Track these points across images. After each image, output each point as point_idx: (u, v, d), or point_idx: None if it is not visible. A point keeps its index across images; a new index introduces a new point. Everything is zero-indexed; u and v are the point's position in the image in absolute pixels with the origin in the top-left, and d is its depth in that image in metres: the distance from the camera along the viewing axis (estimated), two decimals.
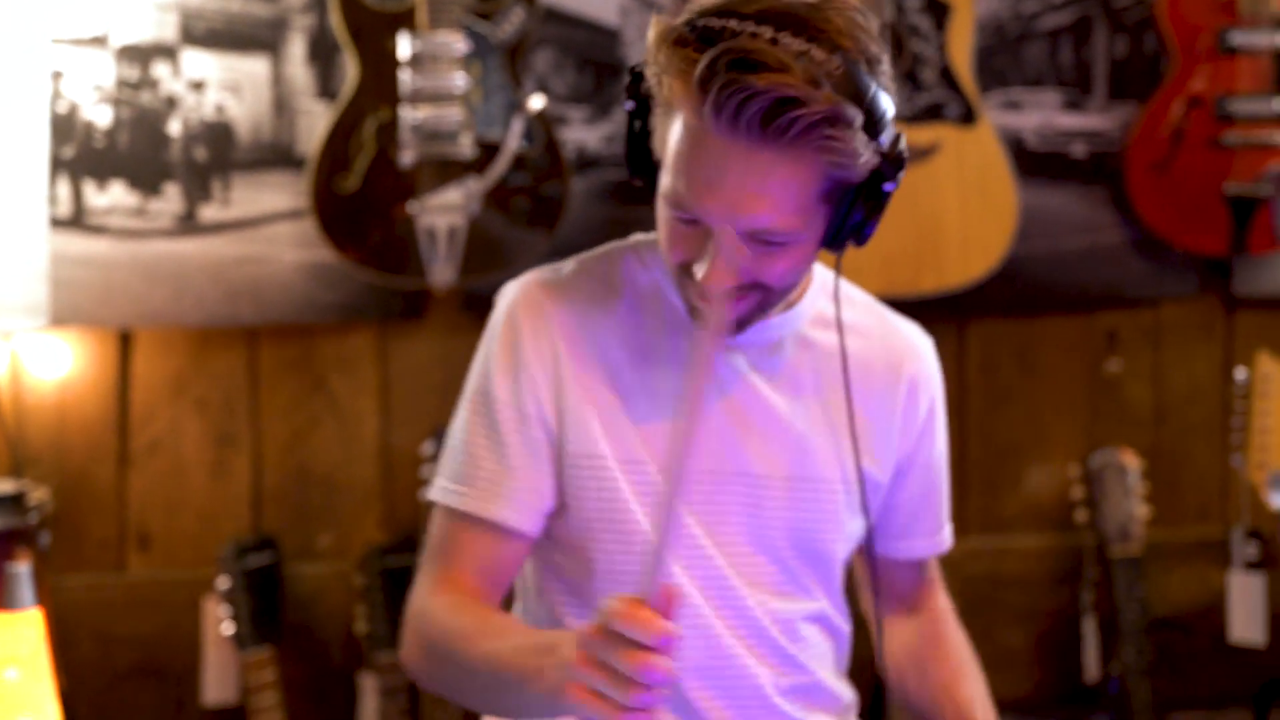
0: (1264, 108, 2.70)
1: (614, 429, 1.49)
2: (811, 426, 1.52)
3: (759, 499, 1.51)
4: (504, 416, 1.47)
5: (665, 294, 1.51)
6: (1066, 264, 2.79)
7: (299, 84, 2.56)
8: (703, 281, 1.35)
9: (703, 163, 1.31)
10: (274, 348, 2.60)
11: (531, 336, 1.48)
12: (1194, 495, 2.88)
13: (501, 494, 1.47)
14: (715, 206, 1.32)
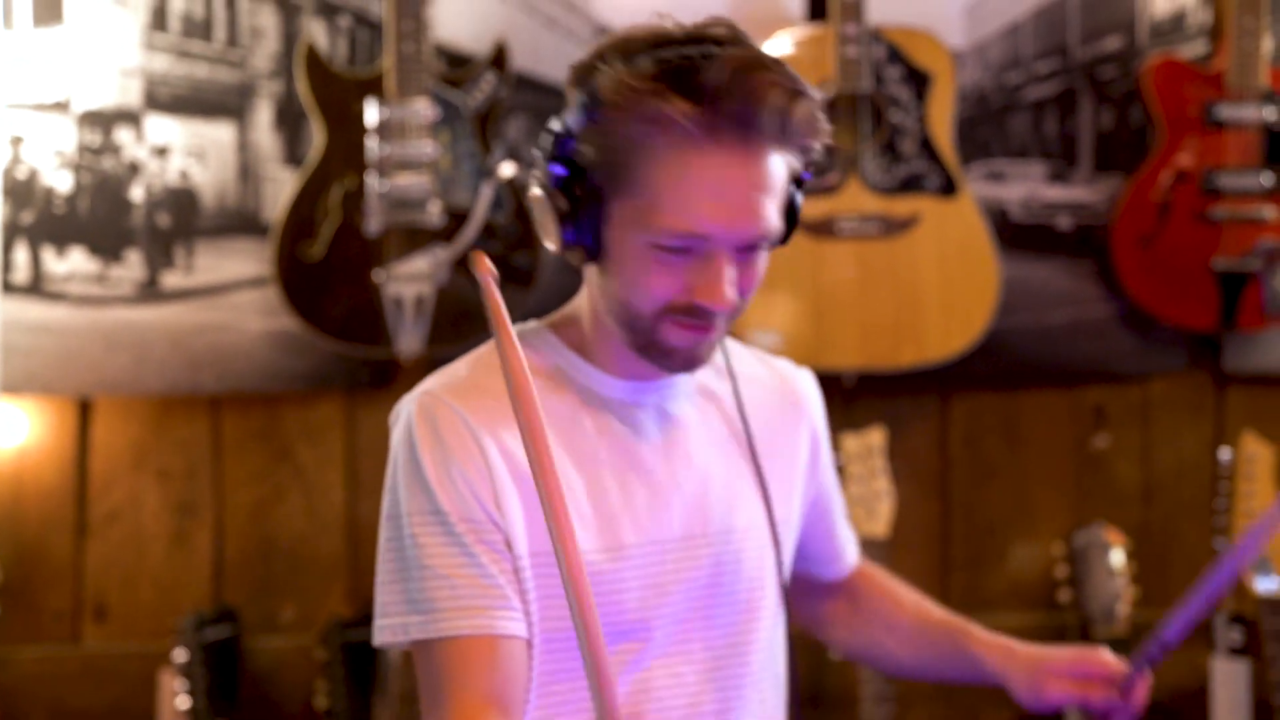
0: (1252, 182, 2.66)
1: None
2: (732, 476, 1.51)
3: (689, 560, 1.48)
4: (462, 529, 1.39)
5: (572, 375, 1.47)
6: (1052, 338, 2.75)
7: (265, 150, 2.52)
8: (710, 300, 1.35)
9: (707, 180, 1.33)
10: (238, 417, 2.57)
11: (455, 445, 1.40)
12: (1182, 576, 2.79)
13: (491, 605, 1.39)
14: (725, 219, 1.34)
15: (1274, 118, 2.65)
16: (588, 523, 1.45)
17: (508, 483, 1.41)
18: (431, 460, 1.40)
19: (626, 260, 1.38)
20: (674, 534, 1.48)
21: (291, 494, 2.58)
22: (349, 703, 2.44)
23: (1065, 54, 2.73)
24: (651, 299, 1.38)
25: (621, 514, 1.46)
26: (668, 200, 1.34)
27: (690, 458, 1.49)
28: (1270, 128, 2.66)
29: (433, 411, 1.42)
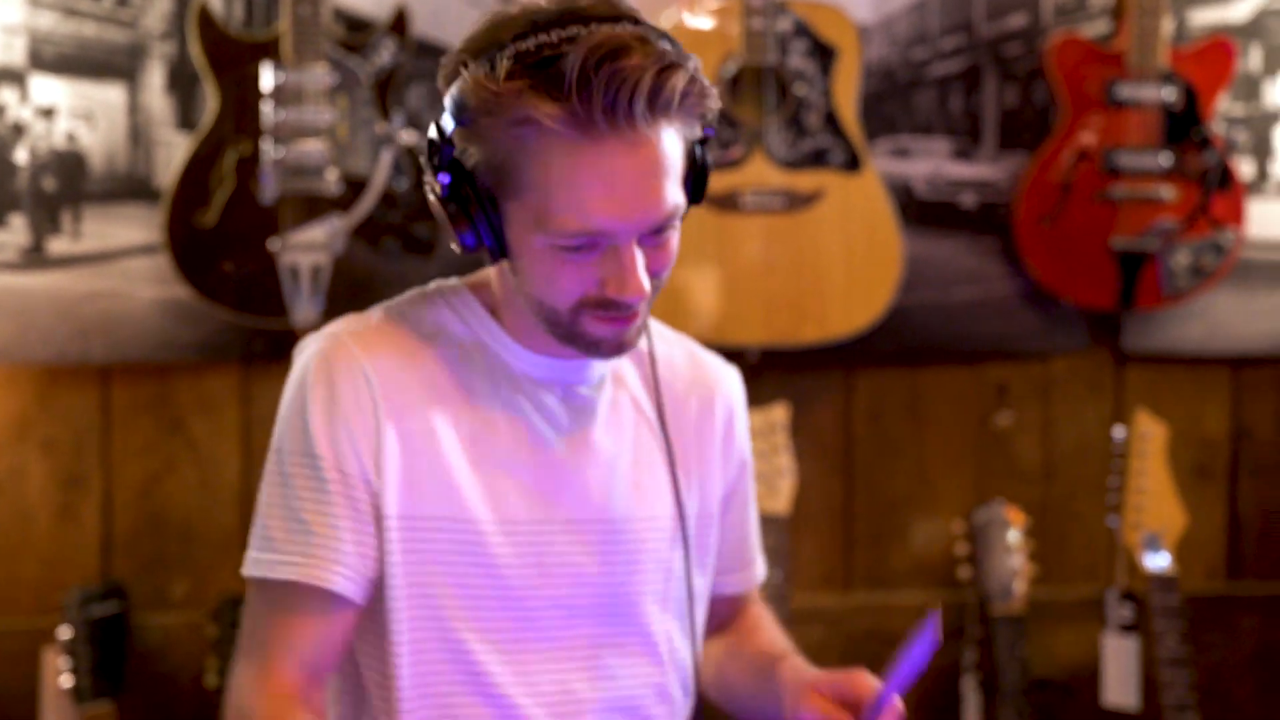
0: (1150, 162, 2.67)
1: (438, 488, 1.41)
2: (640, 465, 1.48)
3: (593, 543, 1.46)
4: (331, 476, 1.37)
5: (486, 344, 1.44)
6: (955, 315, 2.75)
7: (157, 114, 2.46)
8: (625, 295, 1.32)
9: (593, 176, 1.28)
10: (128, 387, 2.50)
11: (348, 394, 1.39)
12: (1080, 553, 2.83)
13: (331, 558, 1.37)
14: (620, 212, 1.29)
15: (1173, 98, 2.66)
16: (478, 494, 1.42)
17: (392, 441, 1.39)
18: (320, 404, 1.39)
19: (532, 261, 1.34)
20: (565, 516, 1.45)
21: (184, 467, 2.53)
22: None
23: (971, 31, 2.72)
24: (564, 297, 1.34)
25: (513, 490, 1.43)
26: (557, 201, 1.29)
27: (593, 442, 1.46)
28: (1169, 108, 2.66)
29: (333, 356, 1.40)
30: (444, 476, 1.41)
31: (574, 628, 1.47)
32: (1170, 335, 2.82)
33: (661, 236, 1.34)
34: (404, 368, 1.41)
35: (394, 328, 1.44)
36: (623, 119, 1.27)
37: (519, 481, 1.44)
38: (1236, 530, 2.90)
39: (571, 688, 1.47)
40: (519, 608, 1.44)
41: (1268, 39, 2.81)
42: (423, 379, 1.42)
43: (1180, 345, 2.83)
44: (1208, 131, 2.67)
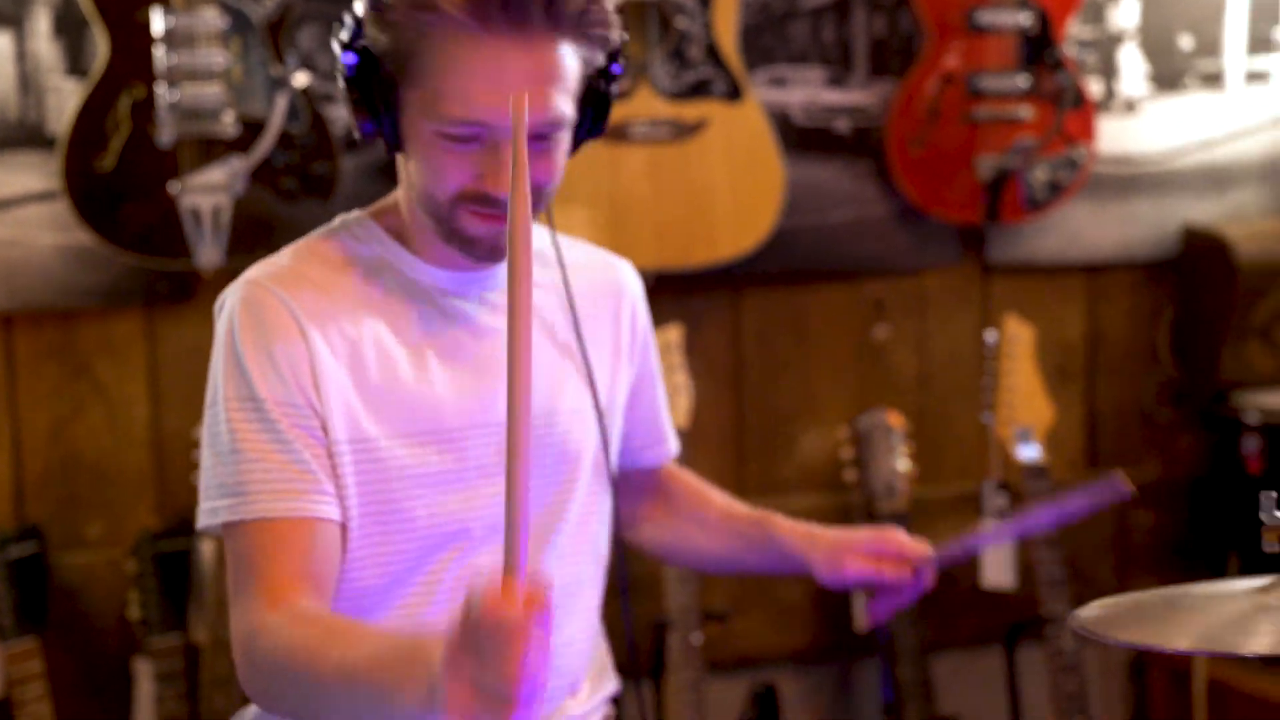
0: (1010, 84, 2.67)
1: (376, 407, 1.38)
2: (554, 360, 1.48)
3: (542, 442, 1.45)
4: (278, 414, 1.34)
5: (393, 264, 1.42)
6: (834, 236, 2.73)
7: (46, 60, 2.31)
8: (497, 190, 1.31)
9: (484, 68, 1.28)
10: (31, 334, 2.38)
11: (277, 330, 1.35)
12: (955, 453, 2.86)
13: (306, 488, 1.34)
14: (503, 106, 1.27)
15: (1029, 23, 2.66)
16: (417, 407, 1.40)
17: (329, 368, 1.36)
18: (252, 347, 1.35)
19: (421, 148, 1.33)
20: (498, 418, 1.39)
21: (92, 410, 2.42)
22: (162, 612, 2.32)
23: None
24: (444, 187, 1.33)
25: (447, 398, 1.41)
26: (448, 89, 1.29)
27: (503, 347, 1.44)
28: (1026, 32, 2.66)
29: (256, 298, 1.36)
30: (381, 394, 1.39)
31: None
32: (1031, 246, 2.85)
33: (544, 143, 1.33)
34: (322, 298, 1.38)
35: (304, 264, 1.41)
36: (519, 20, 1.27)
37: (451, 390, 1.42)
38: (1094, 424, 2.96)
39: None
40: (468, 508, 1.42)
41: None
42: (343, 306, 1.39)
43: (1040, 256, 2.86)
44: (1060, 54, 2.69)
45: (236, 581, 1.33)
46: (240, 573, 1.33)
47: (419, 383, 1.40)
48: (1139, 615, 1.32)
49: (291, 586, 1.31)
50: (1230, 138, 2.94)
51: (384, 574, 1.40)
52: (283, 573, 1.31)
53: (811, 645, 2.79)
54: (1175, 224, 2.92)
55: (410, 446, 1.39)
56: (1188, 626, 1.28)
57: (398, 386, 1.39)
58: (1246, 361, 2.90)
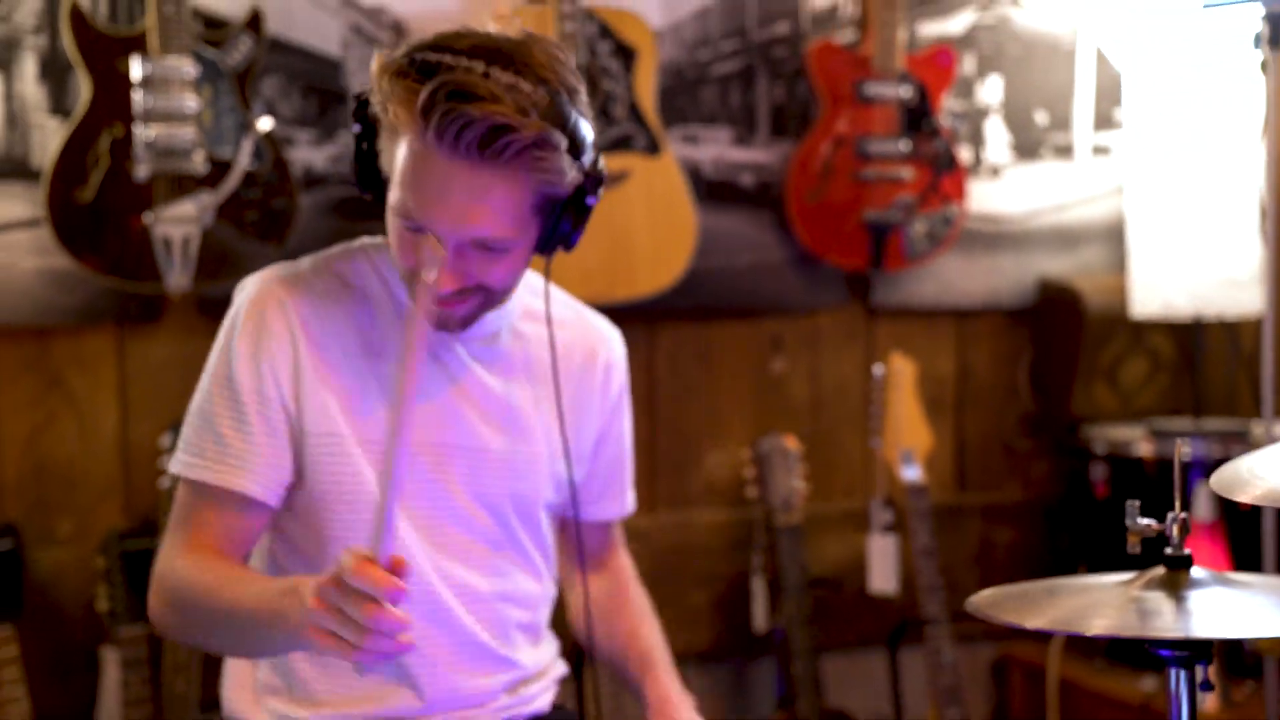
0: (893, 148, 2.78)
1: (349, 411, 1.44)
2: (524, 405, 1.51)
3: (479, 466, 1.49)
4: (248, 400, 1.41)
5: (394, 293, 1.47)
6: (738, 278, 2.80)
7: (31, 100, 2.35)
8: (432, 286, 1.32)
9: (428, 180, 1.31)
10: (10, 348, 2.39)
11: (272, 326, 1.42)
12: (843, 473, 2.93)
13: (245, 468, 1.41)
14: (442, 219, 1.32)
15: (910, 96, 2.78)
16: (382, 420, 1.44)
17: (309, 372, 1.42)
18: (244, 336, 1.42)
19: (389, 219, 1.38)
20: (455, 442, 1.48)
21: (64, 419, 2.42)
22: (128, 604, 2.32)
23: (745, 35, 2.79)
24: (402, 262, 1.39)
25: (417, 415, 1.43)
26: (405, 184, 1.33)
27: (485, 384, 1.49)
28: (907, 104, 2.78)
29: (264, 298, 1.43)
30: (356, 405, 1.44)
31: (471, 535, 1.50)
32: (909, 292, 2.93)
33: (489, 253, 1.35)
34: (323, 310, 1.44)
35: (318, 277, 1.47)
36: (460, 150, 1.28)
37: (419, 412, 1.44)
38: (963, 451, 3.02)
39: (472, 581, 1.51)
40: (422, 516, 1.47)
41: (979, 48, 2.96)
42: (339, 322, 1.45)
43: (917, 300, 2.94)
44: (937, 123, 2.80)
45: (171, 525, 1.43)
46: (175, 519, 1.43)
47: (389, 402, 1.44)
48: (1021, 600, 1.36)
49: (208, 544, 1.40)
50: (1079, 202, 3.04)
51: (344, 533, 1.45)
52: (206, 531, 1.40)
53: (714, 644, 2.82)
54: (1033, 276, 3.00)
55: (372, 451, 1.44)
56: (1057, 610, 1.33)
57: (370, 401, 1.44)
58: (1094, 399, 2.99)
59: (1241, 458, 1.38)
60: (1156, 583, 1.32)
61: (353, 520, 1.45)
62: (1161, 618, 1.27)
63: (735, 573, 2.80)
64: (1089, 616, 1.29)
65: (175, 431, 2.27)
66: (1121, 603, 1.30)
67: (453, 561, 1.50)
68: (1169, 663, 1.32)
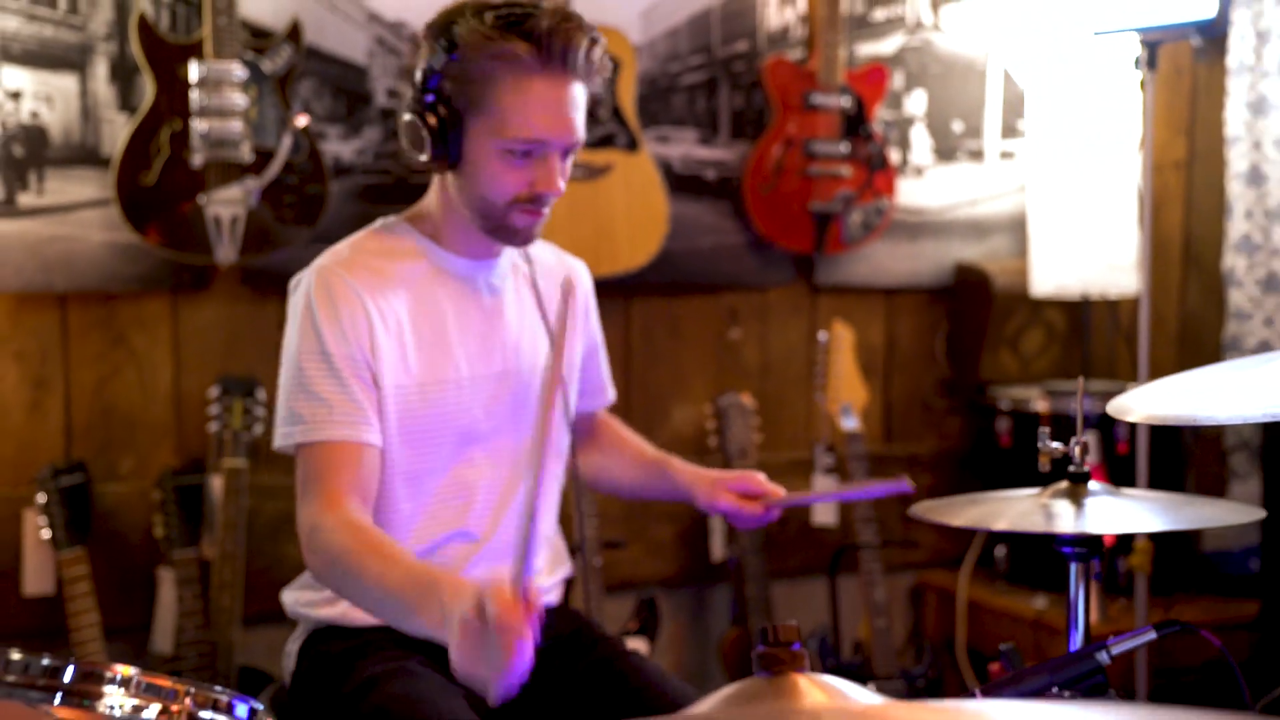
0: (834, 149, 2.90)
1: (419, 357, 1.51)
2: (532, 331, 1.62)
3: (526, 386, 1.58)
4: (342, 365, 1.47)
5: (425, 254, 1.56)
6: (701, 258, 2.88)
7: (103, 98, 2.45)
8: (548, 189, 1.44)
9: (542, 102, 1.42)
10: (81, 310, 2.48)
11: (344, 301, 1.49)
12: (790, 426, 3.02)
13: (358, 421, 1.46)
14: (556, 130, 1.44)
15: (848, 105, 2.90)
16: (433, 360, 1.52)
17: (380, 332, 1.49)
18: (325, 314, 1.48)
19: (484, 164, 1.46)
20: (495, 370, 1.58)
21: (127, 372, 2.51)
22: (181, 532, 2.43)
23: (709, 52, 2.89)
24: (503, 193, 1.47)
25: (459, 353, 1.55)
26: (513, 116, 1.43)
27: (505, 315, 1.59)
28: (846, 112, 2.90)
29: (328, 278, 1.50)
30: (418, 351, 1.52)
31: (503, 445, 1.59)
32: (847, 272, 3.03)
33: (568, 158, 1.50)
34: (375, 278, 1.52)
35: (360, 253, 1.55)
36: (567, 62, 1.43)
37: (464, 344, 1.56)
38: (889, 409, 3.13)
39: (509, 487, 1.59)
40: (471, 432, 1.55)
41: (907, 67, 3.09)
42: (390, 285, 1.53)
43: (853, 280, 3.04)
44: (871, 129, 2.92)
45: (303, 489, 1.46)
46: (306, 483, 1.46)
47: (444, 341, 1.54)
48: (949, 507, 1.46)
49: (343, 494, 1.44)
50: (989, 198, 3.16)
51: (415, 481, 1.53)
52: (337, 483, 1.44)
53: (678, 572, 2.91)
54: (949, 260, 3.12)
55: (436, 389, 1.53)
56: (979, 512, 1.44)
57: (430, 344, 1.53)
58: (999, 364, 3.13)
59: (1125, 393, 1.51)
60: (1060, 493, 1.45)
61: (421, 458, 1.52)
62: (1064, 519, 1.40)
63: (696, 510, 2.93)
64: (1004, 516, 1.43)
65: (221, 385, 2.42)
66: (1031, 508, 1.44)
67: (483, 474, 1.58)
68: (1069, 558, 1.43)
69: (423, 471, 1.55)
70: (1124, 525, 1.47)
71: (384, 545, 1.40)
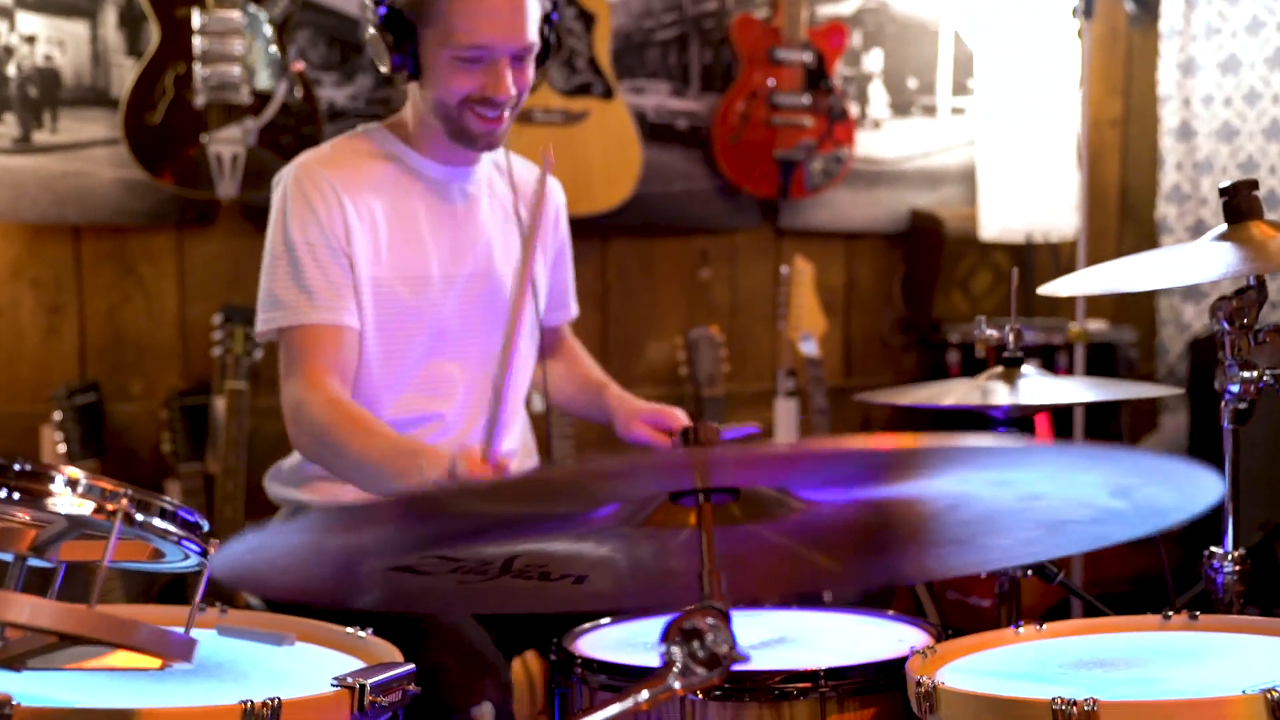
0: (797, 101, 2.91)
1: (386, 255, 1.50)
2: (504, 236, 1.61)
3: (498, 289, 1.56)
4: (320, 252, 1.46)
5: (401, 158, 1.55)
6: (674, 202, 2.90)
7: (112, 43, 2.44)
8: (496, 94, 1.43)
9: (487, 9, 1.41)
10: (94, 242, 2.48)
11: (320, 194, 1.48)
12: (754, 359, 3.04)
13: (336, 305, 1.46)
14: (499, 35, 1.43)
15: (810, 60, 2.91)
16: (405, 256, 1.51)
17: (355, 224, 1.49)
18: (301, 207, 1.48)
19: (437, 70, 1.46)
20: (466, 271, 1.57)
21: (136, 300, 2.51)
22: (187, 448, 2.44)
23: (681, 9, 2.89)
24: (455, 95, 1.46)
25: (432, 252, 1.54)
26: (459, 24, 1.43)
27: (479, 221, 1.58)
28: (808, 66, 2.91)
29: (303, 175, 1.50)
30: (391, 246, 1.51)
31: (470, 343, 1.58)
32: (810, 218, 3.05)
33: (522, 63, 1.48)
34: (353, 176, 1.51)
35: (340, 153, 1.54)
36: None
37: (437, 246, 1.54)
38: (849, 346, 3.16)
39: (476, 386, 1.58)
40: (439, 328, 1.54)
41: (865, 26, 3.10)
42: (367, 183, 1.52)
43: (815, 224, 3.06)
44: (831, 83, 2.94)
45: (286, 370, 1.47)
46: (289, 364, 1.47)
47: (417, 239, 1.53)
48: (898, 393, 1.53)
49: (324, 373, 1.45)
50: (941, 150, 3.19)
51: (390, 373, 1.53)
52: (318, 363, 1.44)
53: None
54: (905, 208, 3.14)
55: (409, 285, 1.52)
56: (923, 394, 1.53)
57: (402, 241, 1.52)
58: (951, 304, 3.14)
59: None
60: (996, 376, 1.49)
61: (396, 342, 1.51)
62: (998, 394, 1.45)
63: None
64: (946, 395, 1.48)
65: (225, 313, 2.42)
66: (969, 390, 1.48)
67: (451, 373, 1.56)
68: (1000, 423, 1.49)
69: (397, 365, 1.54)
70: (1054, 398, 1.50)
71: (365, 419, 1.41)
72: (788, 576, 1.02)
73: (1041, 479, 0.79)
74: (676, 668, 0.78)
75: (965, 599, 2.65)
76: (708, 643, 0.78)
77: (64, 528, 0.95)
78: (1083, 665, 1.19)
